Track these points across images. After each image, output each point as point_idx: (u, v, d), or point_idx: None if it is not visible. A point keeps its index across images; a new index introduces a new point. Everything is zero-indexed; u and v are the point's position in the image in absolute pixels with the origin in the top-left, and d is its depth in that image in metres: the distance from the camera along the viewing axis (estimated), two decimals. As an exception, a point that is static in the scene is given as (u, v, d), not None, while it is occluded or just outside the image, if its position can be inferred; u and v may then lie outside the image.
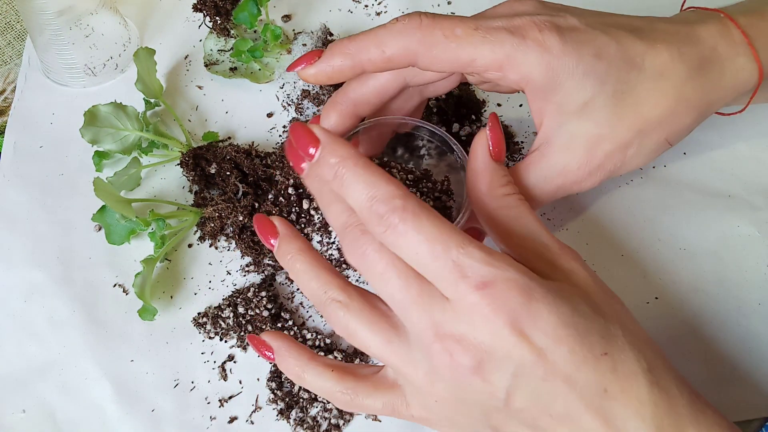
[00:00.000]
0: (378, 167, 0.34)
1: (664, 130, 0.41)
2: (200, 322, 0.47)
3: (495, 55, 0.39)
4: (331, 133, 0.35)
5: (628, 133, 0.40)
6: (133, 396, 0.45)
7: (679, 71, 0.41)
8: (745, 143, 0.55)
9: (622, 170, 0.42)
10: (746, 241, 0.50)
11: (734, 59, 0.42)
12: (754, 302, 0.48)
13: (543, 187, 0.41)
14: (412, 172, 0.44)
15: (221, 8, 0.58)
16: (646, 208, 0.52)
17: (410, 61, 0.40)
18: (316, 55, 0.41)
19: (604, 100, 0.40)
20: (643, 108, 0.40)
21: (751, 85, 0.43)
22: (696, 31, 0.42)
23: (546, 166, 0.41)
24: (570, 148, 0.41)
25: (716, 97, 0.42)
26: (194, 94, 0.59)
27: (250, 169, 0.52)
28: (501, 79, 0.40)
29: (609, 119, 0.40)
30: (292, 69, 0.42)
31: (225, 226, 0.51)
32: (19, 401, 0.45)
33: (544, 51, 0.39)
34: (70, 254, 0.51)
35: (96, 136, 0.51)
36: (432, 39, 0.39)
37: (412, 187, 0.43)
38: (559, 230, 0.51)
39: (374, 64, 0.40)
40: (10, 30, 0.64)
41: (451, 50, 0.39)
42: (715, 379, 0.45)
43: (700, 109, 0.42)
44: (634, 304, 0.48)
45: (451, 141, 0.44)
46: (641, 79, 0.40)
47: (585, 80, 0.39)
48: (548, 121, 0.41)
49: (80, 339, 0.47)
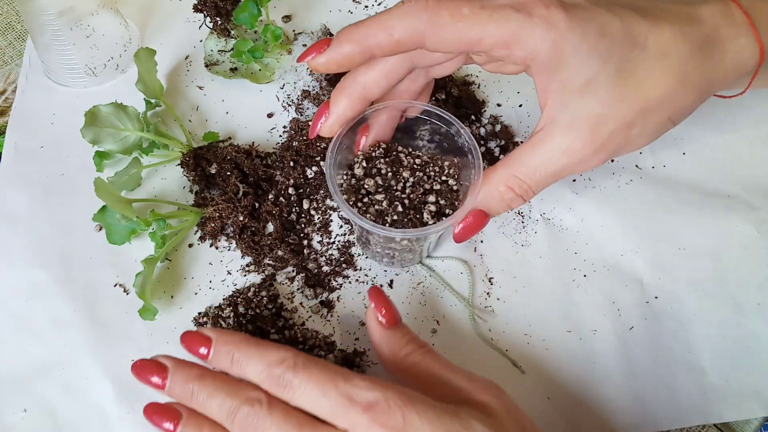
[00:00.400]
0: (264, 341, 0.39)
1: (667, 109, 0.41)
2: (201, 322, 0.47)
3: (502, 32, 0.39)
4: (218, 330, 0.39)
5: (631, 111, 0.41)
6: (133, 396, 0.45)
7: (681, 51, 0.41)
8: (744, 143, 0.55)
9: (626, 149, 0.42)
10: (745, 240, 0.50)
11: (736, 39, 0.42)
12: (754, 302, 0.48)
13: (548, 168, 0.41)
14: (419, 157, 0.45)
15: (222, 9, 0.58)
16: (645, 208, 0.52)
17: (418, 44, 0.40)
18: (324, 44, 0.41)
19: (608, 78, 0.40)
20: (646, 87, 0.40)
21: (752, 66, 0.43)
22: (698, 11, 0.42)
23: (550, 146, 0.41)
24: (574, 127, 0.41)
25: (718, 76, 0.42)
26: (195, 95, 0.59)
27: (250, 169, 0.52)
28: (507, 57, 0.40)
29: (612, 97, 0.40)
30: (302, 59, 0.42)
31: (225, 226, 0.51)
32: (20, 401, 0.45)
33: (550, 27, 0.39)
34: (71, 254, 0.51)
35: (97, 137, 0.51)
36: (439, 19, 0.39)
37: (420, 171, 0.44)
38: (559, 231, 0.51)
39: (383, 48, 0.40)
40: (10, 30, 0.64)
41: (458, 30, 0.39)
42: (713, 378, 0.45)
43: (702, 88, 0.42)
44: (633, 303, 0.48)
45: (459, 124, 0.45)
46: (644, 58, 0.40)
47: (589, 57, 0.39)
48: (552, 100, 0.41)
49: (81, 339, 0.47)
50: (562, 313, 0.48)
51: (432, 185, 0.44)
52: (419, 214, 0.43)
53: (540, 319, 0.47)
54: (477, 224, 0.43)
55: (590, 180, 0.53)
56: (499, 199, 0.42)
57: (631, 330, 0.47)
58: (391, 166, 0.45)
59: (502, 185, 0.42)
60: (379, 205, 0.43)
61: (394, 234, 0.41)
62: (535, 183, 0.42)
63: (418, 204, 0.43)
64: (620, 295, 0.48)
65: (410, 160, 0.45)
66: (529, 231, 0.51)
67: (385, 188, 0.44)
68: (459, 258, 0.50)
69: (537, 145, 0.41)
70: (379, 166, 0.45)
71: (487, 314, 0.48)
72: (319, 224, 0.52)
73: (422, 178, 0.44)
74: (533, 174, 0.42)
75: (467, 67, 0.60)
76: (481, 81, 0.59)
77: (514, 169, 0.42)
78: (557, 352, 0.46)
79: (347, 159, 0.46)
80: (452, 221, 0.42)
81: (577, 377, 0.45)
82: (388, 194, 0.44)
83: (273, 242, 0.50)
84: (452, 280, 0.49)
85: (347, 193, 0.43)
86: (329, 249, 0.51)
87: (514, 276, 0.49)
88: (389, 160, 0.45)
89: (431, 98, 0.53)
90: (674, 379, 0.45)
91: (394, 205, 0.43)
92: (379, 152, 0.45)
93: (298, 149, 0.53)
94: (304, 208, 0.52)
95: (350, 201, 0.43)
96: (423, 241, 0.46)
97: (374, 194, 0.44)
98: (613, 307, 0.48)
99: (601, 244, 0.50)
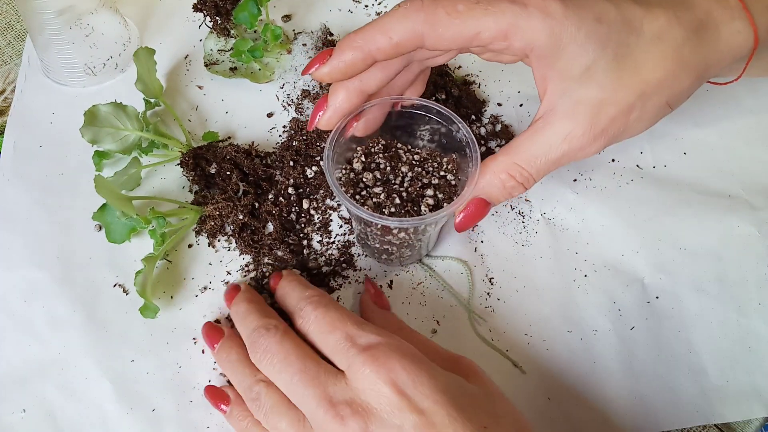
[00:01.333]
0: (307, 282, 0.45)
1: (665, 93, 0.42)
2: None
3: (499, 25, 0.39)
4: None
5: (631, 96, 0.41)
6: (133, 396, 0.45)
7: (676, 35, 0.41)
8: (745, 143, 0.55)
9: (625, 135, 0.42)
10: (746, 241, 0.50)
11: (729, 23, 0.42)
12: (754, 302, 0.48)
13: (548, 155, 0.41)
14: (418, 153, 0.46)
15: (221, 8, 0.58)
16: (646, 208, 0.52)
17: (417, 44, 0.40)
18: (327, 55, 0.41)
19: (606, 64, 0.40)
20: (643, 71, 0.41)
21: (747, 50, 0.43)
22: None
23: (550, 133, 0.41)
24: (574, 114, 0.41)
25: (713, 60, 0.42)
26: (194, 94, 0.59)
27: (250, 169, 0.52)
28: (506, 49, 0.41)
29: (611, 83, 0.40)
30: (307, 72, 0.42)
31: (225, 225, 0.51)
32: (20, 401, 0.45)
33: (547, 16, 0.39)
34: (71, 254, 0.50)
35: (96, 136, 0.51)
36: (435, 18, 0.39)
37: (418, 166, 0.44)
38: (560, 231, 0.51)
39: (384, 52, 0.40)
40: (10, 30, 0.64)
41: (455, 26, 0.39)
42: (714, 378, 0.45)
43: (698, 71, 0.42)
44: (634, 303, 0.48)
45: (456, 118, 0.45)
46: (640, 43, 0.41)
47: (587, 44, 0.40)
48: (552, 87, 0.41)
49: (80, 339, 0.47)
50: (562, 313, 0.48)
51: (430, 180, 0.44)
52: (417, 207, 0.43)
53: (541, 320, 0.47)
54: (478, 213, 0.43)
55: (591, 180, 0.53)
56: (500, 186, 0.42)
57: (632, 330, 0.47)
58: (390, 161, 0.45)
59: (503, 173, 0.42)
60: (377, 198, 0.44)
61: (389, 222, 0.41)
62: (536, 170, 0.42)
63: (416, 197, 0.44)
64: (621, 295, 0.48)
65: (409, 156, 0.45)
66: (529, 231, 0.51)
67: (383, 182, 0.44)
68: (459, 258, 0.50)
69: (537, 132, 0.42)
70: (378, 161, 0.45)
71: (487, 314, 0.48)
72: (318, 224, 0.52)
73: (420, 173, 0.45)
74: (534, 161, 0.42)
75: (467, 67, 0.60)
76: (481, 81, 0.59)
77: (514, 157, 0.42)
78: (558, 352, 0.46)
79: (346, 155, 0.46)
80: (449, 211, 0.42)
81: (578, 377, 0.45)
82: (386, 188, 0.44)
83: (273, 242, 0.50)
84: (452, 280, 0.49)
85: (345, 186, 0.44)
86: (329, 249, 0.51)
87: (515, 276, 0.49)
88: (388, 155, 0.45)
89: (431, 99, 0.53)
90: (675, 380, 0.45)
91: (391, 197, 0.43)
92: (378, 148, 0.46)
93: (297, 149, 0.53)
94: (303, 207, 0.52)
95: (348, 194, 0.43)
96: (421, 235, 0.46)
97: (372, 188, 0.44)
98: (614, 307, 0.48)
99: (602, 244, 0.50)
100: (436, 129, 0.47)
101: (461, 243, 0.50)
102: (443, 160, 0.45)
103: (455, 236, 0.51)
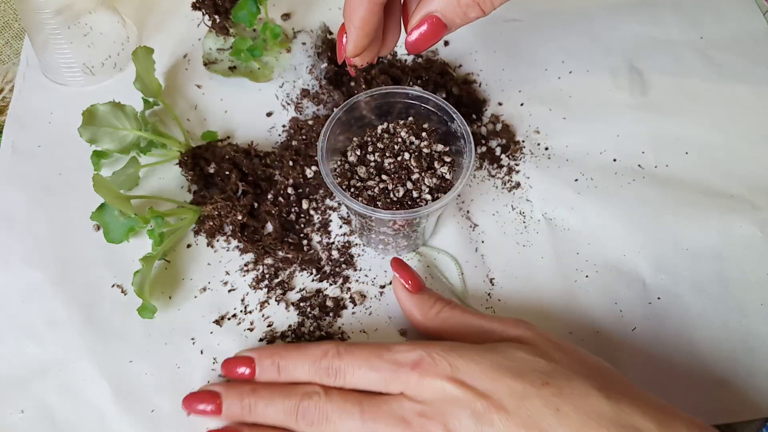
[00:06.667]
0: (301, 344, 0.43)
1: None
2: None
3: None
4: (255, 348, 0.44)
5: None
6: (132, 396, 0.45)
7: None
8: (747, 144, 0.55)
9: None
10: (748, 241, 0.50)
11: None
12: (756, 302, 0.47)
13: None
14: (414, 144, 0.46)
15: (220, 7, 0.57)
16: (647, 208, 0.51)
17: None
18: (342, 33, 0.42)
19: None
20: None
21: None
22: None
23: None
24: None
25: None
26: (193, 94, 0.59)
27: (249, 168, 0.52)
28: None
29: None
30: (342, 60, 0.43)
31: (224, 225, 0.51)
32: (18, 401, 0.45)
33: None
34: (69, 254, 0.50)
35: (94, 136, 0.51)
36: None
37: (413, 159, 0.45)
38: (561, 231, 0.51)
39: None
40: (8, 29, 0.64)
41: None
42: (716, 379, 0.45)
43: None
44: (635, 304, 0.48)
45: (451, 110, 0.45)
46: None
47: None
48: None
49: (79, 339, 0.47)
50: (564, 313, 0.47)
51: (425, 172, 0.45)
52: (410, 199, 0.44)
53: (542, 320, 0.47)
54: (432, 33, 0.41)
55: (592, 180, 0.53)
56: (455, 4, 0.39)
57: (633, 331, 0.47)
58: (384, 153, 0.45)
59: None
60: (371, 190, 0.44)
61: (382, 215, 0.42)
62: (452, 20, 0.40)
63: (411, 189, 0.44)
64: (622, 295, 0.48)
65: (404, 150, 0.45)
66: (530, 231, 0.51)
67: (377, 174, 0.45)
68: (450, 255, 0.49)
69: None
70: (373, 153, 0.45)
71: (488, 315, 0.48)
72: (318, 224, 0.51)
73: (416, 166, 0.45)
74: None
75: (468, 66, 0.59)
76: (482, 80, 0.59)
77: None
78: (559, 353, 0.46)
79: (341, 149, 0.46)
80: (442, 203, 0.42)
81: (579, 378, 0.45)
82: (380, 180, 0.44)
83: (272, 242, 0.49)
84: (449, 273, 0.49)
85: (340, 177, 0.45)
86: (329, 249, 0.50)
87: (516, 277, 0.49)
88: (383, 147, 0.46)
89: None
90: (676, 380, 0.45)
91: (385, 190, 0.44)
92: (374, 140, 0.46)
93: (297, 148, 0.53)
94: (303, 208, 0.52)
95: (343, 186, 0.44)
96: (416, 226, 0.46)
97: (367, 180, 0.44)
98: (616, 308, 0.47)
99: (603, 245, 0.50)
100: (433, 121, 0.47)
101: (461, 243, 0.50)
102: (441, 154, 0.45)
103: (455, 236, 0.50)
